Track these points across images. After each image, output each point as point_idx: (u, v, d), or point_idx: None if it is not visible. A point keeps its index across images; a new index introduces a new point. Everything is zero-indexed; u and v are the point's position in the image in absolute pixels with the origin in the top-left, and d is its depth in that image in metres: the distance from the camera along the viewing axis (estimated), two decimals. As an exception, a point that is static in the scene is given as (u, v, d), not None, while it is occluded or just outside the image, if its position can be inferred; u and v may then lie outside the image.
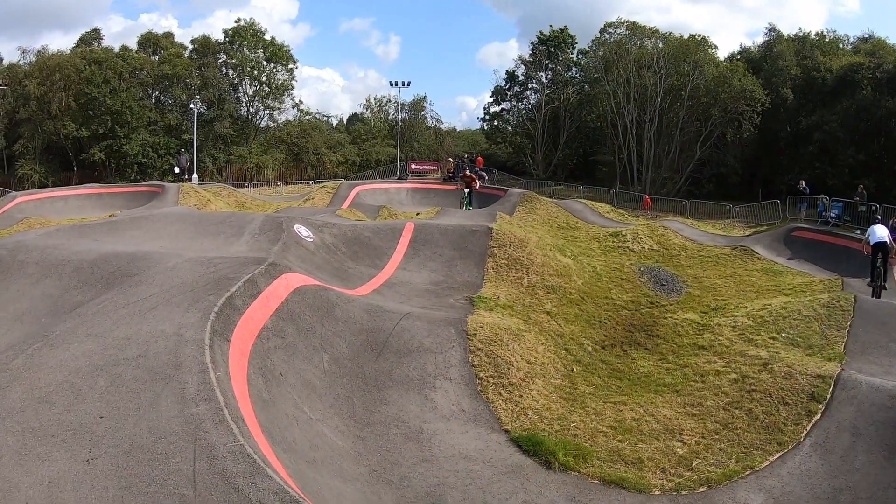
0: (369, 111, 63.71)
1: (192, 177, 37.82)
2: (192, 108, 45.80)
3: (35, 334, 6.36)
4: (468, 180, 22.89)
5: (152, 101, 51.59)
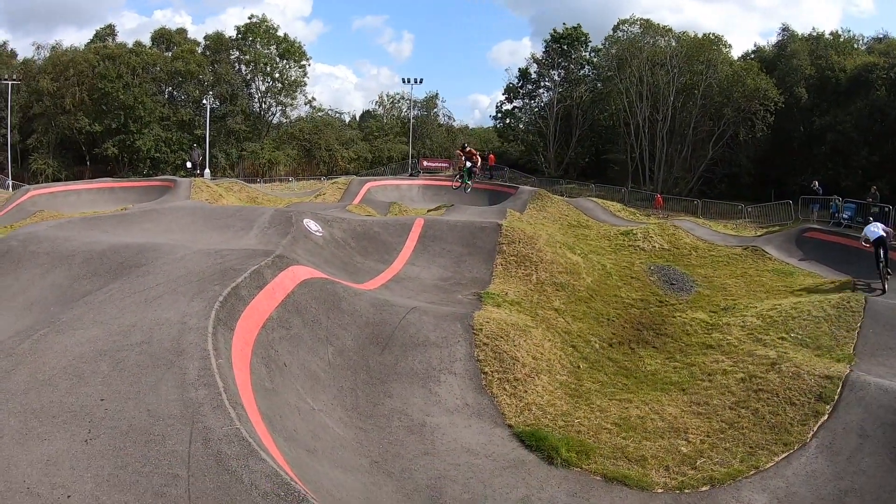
0: (382, 108, 63.71)
1: (205, 172, 37.92)
2: (204, 103, 45.97)
3: (43, 322, 6.41)
4: (468, 155, 20.88)
5: (165, 96, 51.91)
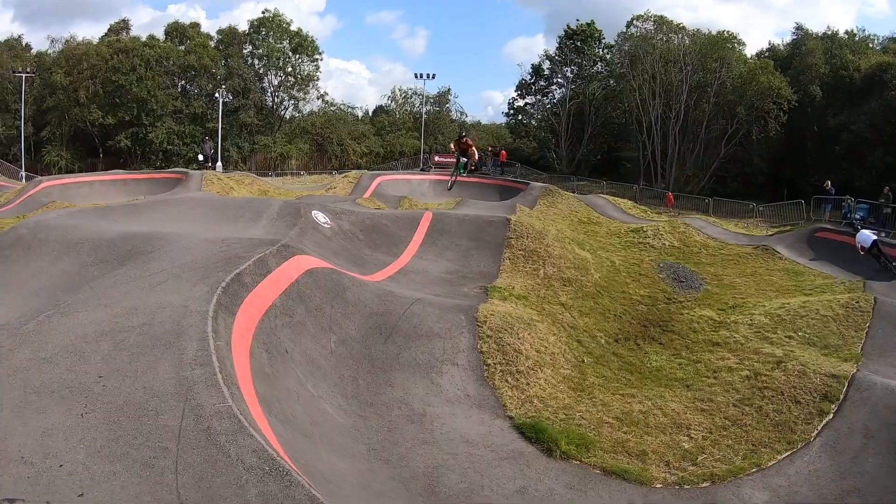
0: (394, 103, 63.74)
1: (217, 165, 38.08)
2: (217, 97, 46.18)
3: (49, 305, 6.49)
4: (464, 147, 18.47)
5: (178, 89, 52.24)
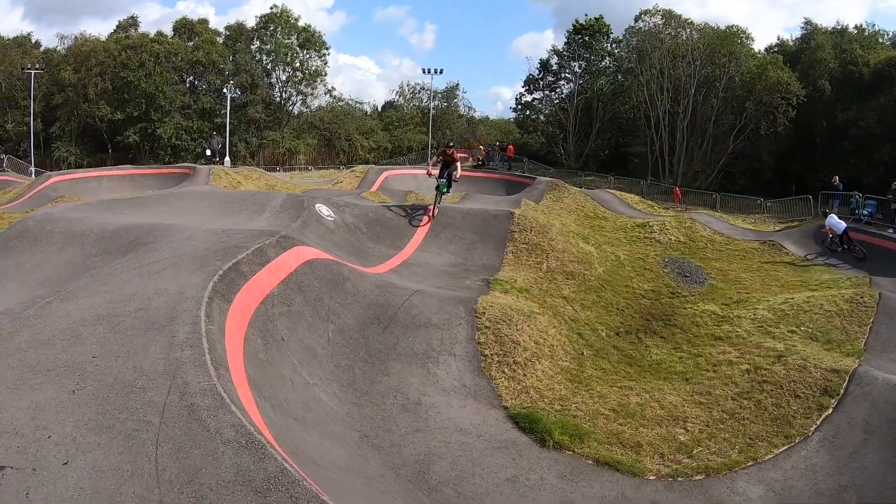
0: (402, 98, 63.79)
1: (225, 160, 38.27)
2: (225, 92, 46.39)
3: (52, 293, 6.60)
4: (448, 159, 15.49)
5: (186, 85, 52.51)
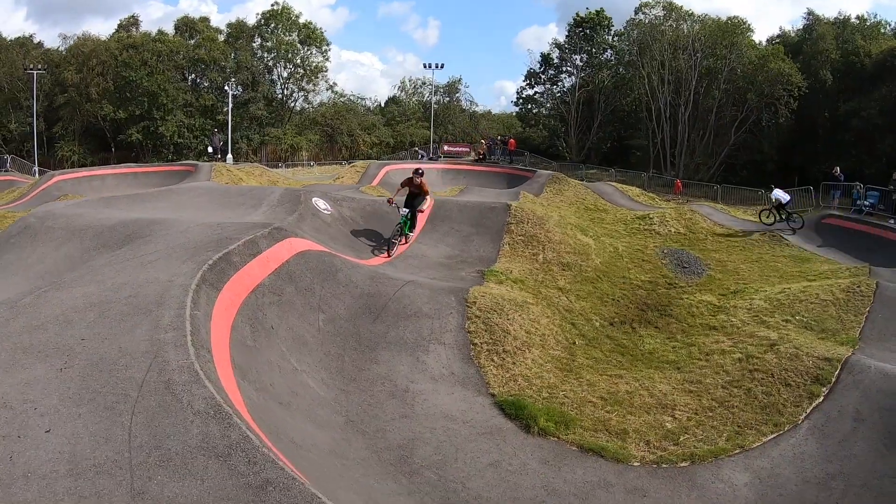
0: (404, 93, 63.76)
1: (227, 157, 38.39)
2: (227, 90, 46.53)
3: (48, 284, 6.75)
4: (416, 191, 13.23)
5: (188, 83, 52.65)
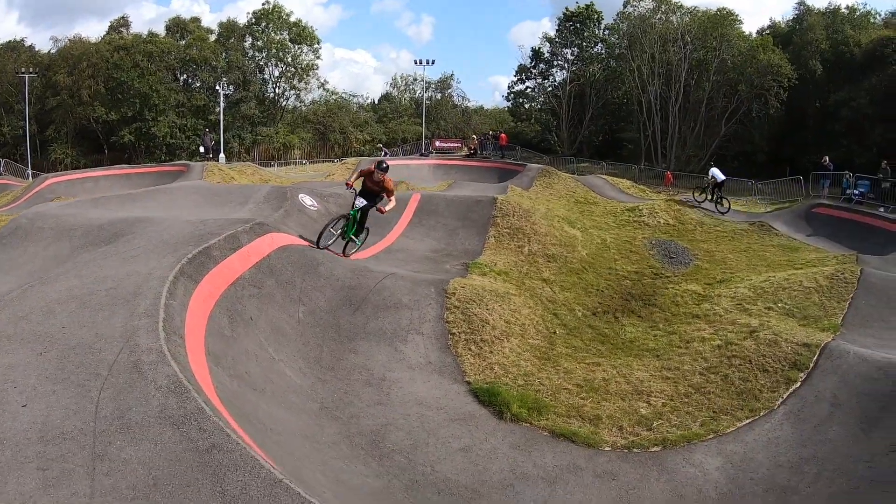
0: (396, 90, 63.82)
1: (220, 157, 38.44)
2: (218, 90, 46.54)
3: (35, 279, 6.92)
4: (376, 187, 10.63)
5: (180, 83, 52.68)
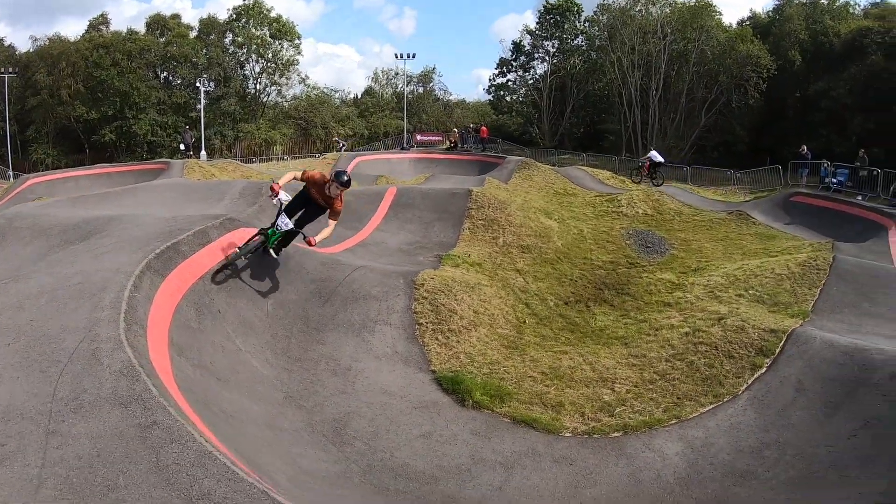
0: (377, 84, 63.69)
1: (201, 154, 38.26)
2: (199, 86, 46.22)
3: (9, 278, 7.00)
4: (320, 202, 7.99)
5: (160, 81, 52.31)
